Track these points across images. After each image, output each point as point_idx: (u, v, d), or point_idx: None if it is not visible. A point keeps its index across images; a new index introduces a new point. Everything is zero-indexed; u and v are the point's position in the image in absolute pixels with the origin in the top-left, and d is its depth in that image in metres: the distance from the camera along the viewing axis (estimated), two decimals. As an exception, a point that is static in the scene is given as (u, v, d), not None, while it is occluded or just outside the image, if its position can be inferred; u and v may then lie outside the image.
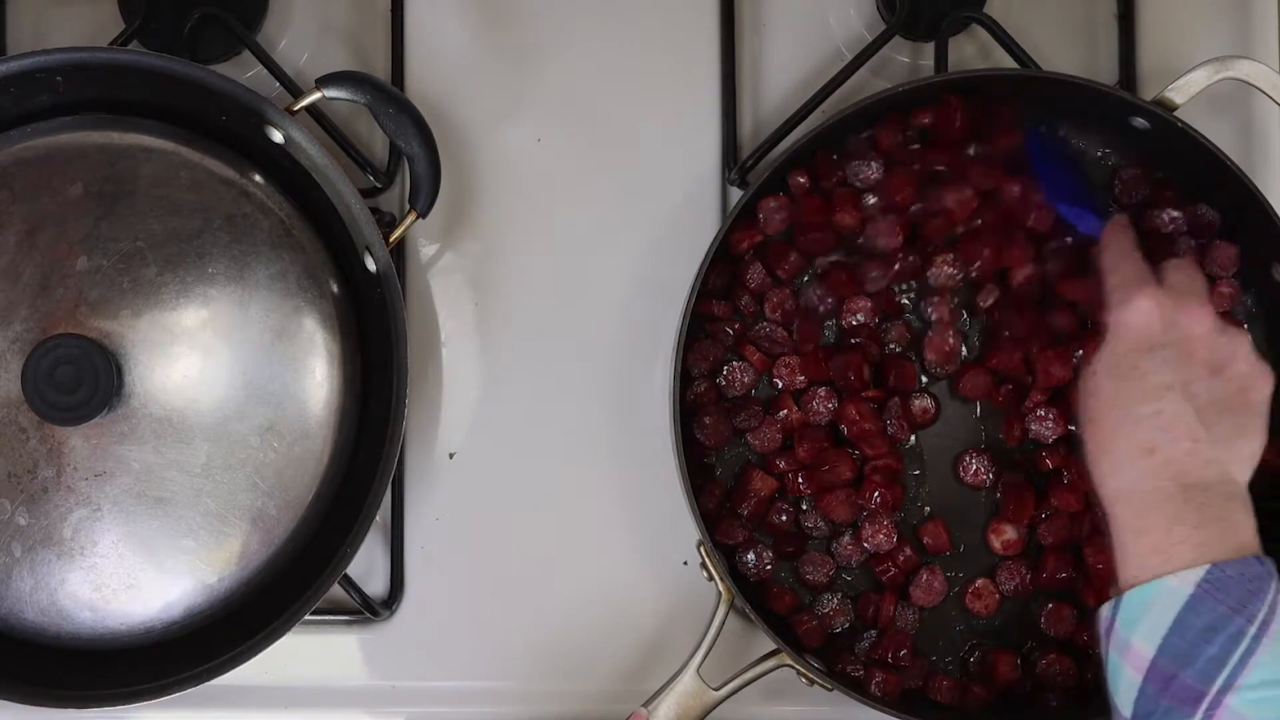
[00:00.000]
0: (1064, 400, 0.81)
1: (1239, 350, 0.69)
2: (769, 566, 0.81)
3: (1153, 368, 0.67)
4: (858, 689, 0.79)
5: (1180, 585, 0.61)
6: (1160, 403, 0.66)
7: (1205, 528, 0.63)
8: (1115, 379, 0.68)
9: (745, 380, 0.82)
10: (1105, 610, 0.65)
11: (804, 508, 0.82)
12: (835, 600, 0.82)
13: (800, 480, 0.81)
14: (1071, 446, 0.80)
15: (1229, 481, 0.65)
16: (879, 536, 0.81)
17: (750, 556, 0.81)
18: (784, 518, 0.82)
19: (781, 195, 0.82)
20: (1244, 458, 0.67)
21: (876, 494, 0.80)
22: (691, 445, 0.81)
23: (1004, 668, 0.81)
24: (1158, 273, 0.71)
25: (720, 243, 0.79)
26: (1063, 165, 0.83)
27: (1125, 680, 0.63)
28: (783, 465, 0.81)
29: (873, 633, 0.82)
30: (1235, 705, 0.59)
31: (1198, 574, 0.61)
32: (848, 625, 0.82)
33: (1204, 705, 0.60)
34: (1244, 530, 0.64)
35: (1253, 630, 0.60)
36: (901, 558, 0.81)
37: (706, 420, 0.81)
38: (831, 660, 0.81)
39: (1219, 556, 0.62)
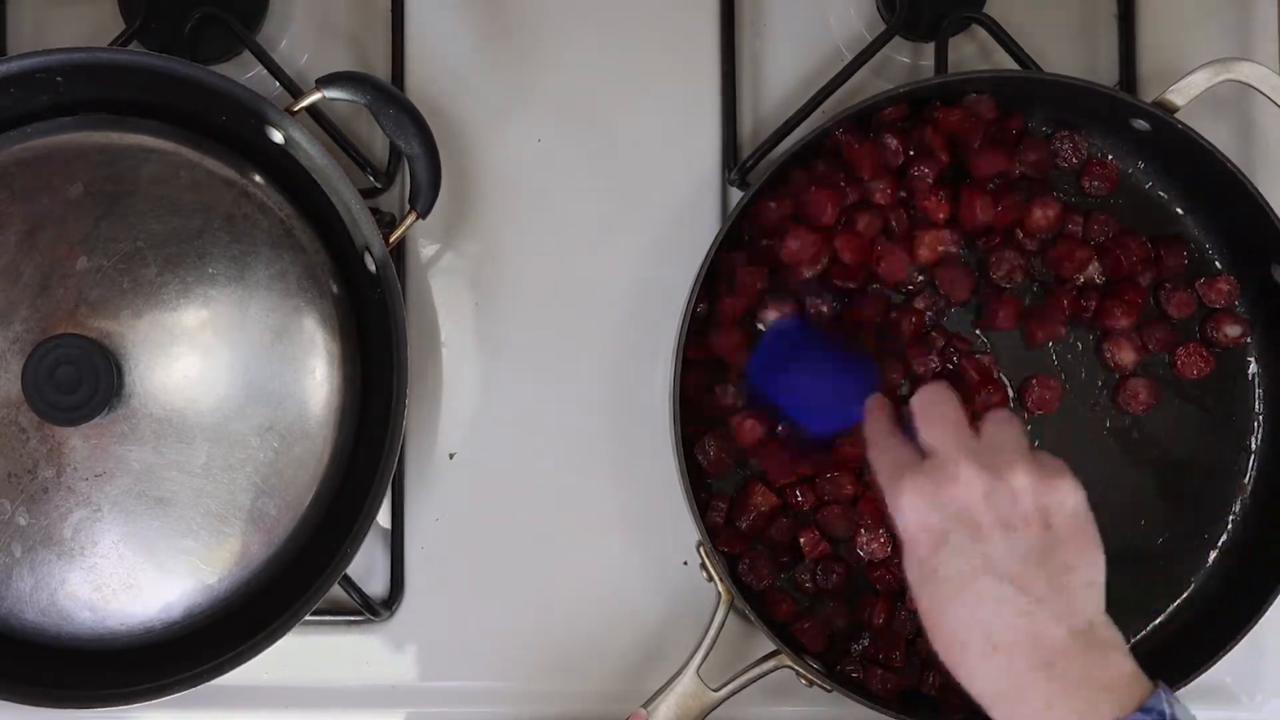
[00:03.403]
0: None
1: (1017, 487, 0.63)
2: (765, 583, 0.81)
3: (948, 562, 0.63)
4: (857, 689, 0.79)
5: None
6: (973, 595, 0.62)
7: (1081, 698, 0.60)
8: (923, 588, 0.64)
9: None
10: None
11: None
12: (831, 605, 0.81)
13: (799, 495, 0.81)
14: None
15: (1083, 630, 0.62)
16: (873, 545, 0.81)
17: (745, 565, 0.81)
18: (783, 533, 0.82)
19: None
20: (1084, 589, 0.63)
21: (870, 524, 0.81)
22: (693, 452, 0.81)
23: None
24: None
25: (721, 243, 0.79)
26: (795, 363, 0.79)
27: None
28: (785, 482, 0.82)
29: (866, 637, 0.82)
30: None
31: None
32: (843, 627, 0.82)
33: None
34: (1123, 680, 0.61)
35: None
36: (896, 564, 0.81)
37: (710, 449, 0.81)
38: (831, 662, 0.81)
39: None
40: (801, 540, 0.81)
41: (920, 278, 0.82)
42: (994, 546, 0.63)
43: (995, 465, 0.64)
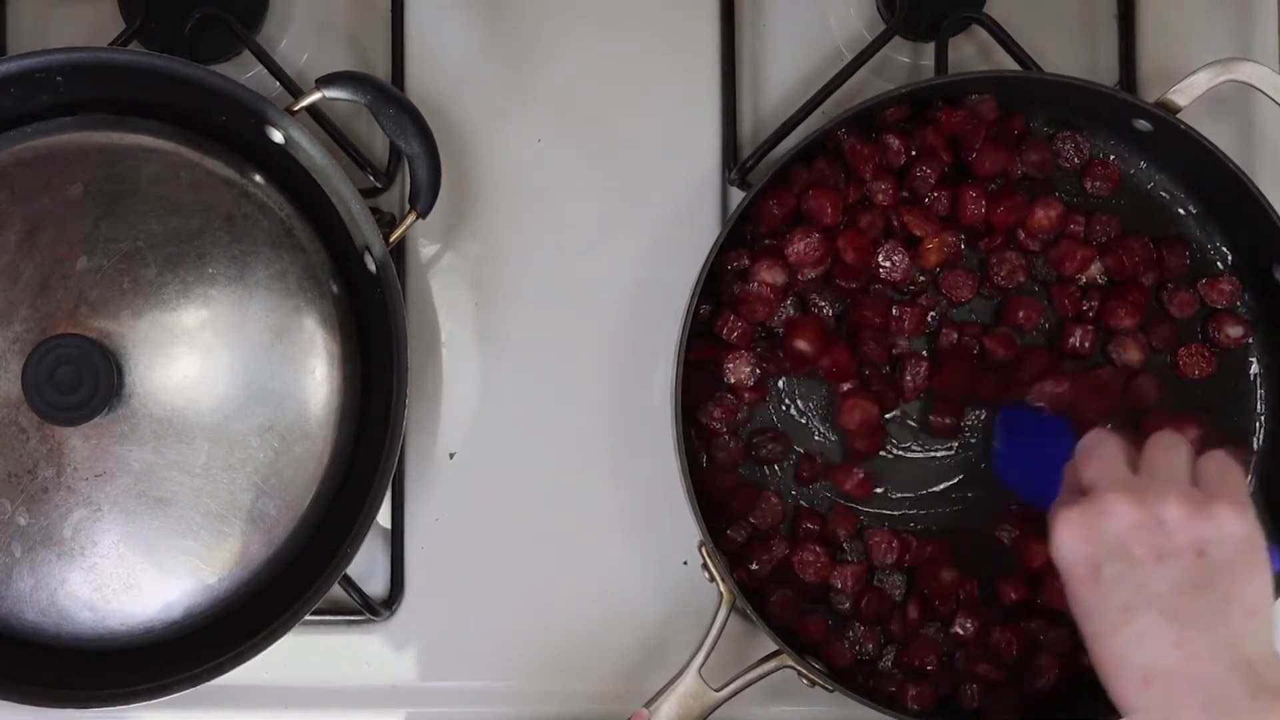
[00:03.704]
0: None
1: (1168, 519, 0.63)
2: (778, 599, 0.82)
3: (1104, 593, 0.63)
4: (865, 693, 0.79)
5: None
6: (1128, 627, 0.62)
7: None
8: (1085, 621, 0.64)
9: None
10: None
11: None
12: (863, 629, 0.82)
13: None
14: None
15: (1244, 665, 0.60)
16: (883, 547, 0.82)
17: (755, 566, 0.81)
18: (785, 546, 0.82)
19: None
20: (1242, 620, 0.62)
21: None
22: (693, 452, 0.81)
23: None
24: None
25: (721, 244, 0.79)
26: (1031, 443, 0.80)
27: None
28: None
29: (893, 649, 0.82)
30: None
31: None
32: (871, 647, 0.82)
33: None
34: None
35: None
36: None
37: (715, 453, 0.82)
38: (866, 678, 0.81)
39: None
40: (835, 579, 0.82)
41: (922, 278, 0.82)
42: (1148, 576, 0.62)
43: (1147, 497, 0.64)
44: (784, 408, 0.84)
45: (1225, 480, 0.65)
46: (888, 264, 0.81)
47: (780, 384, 0.84)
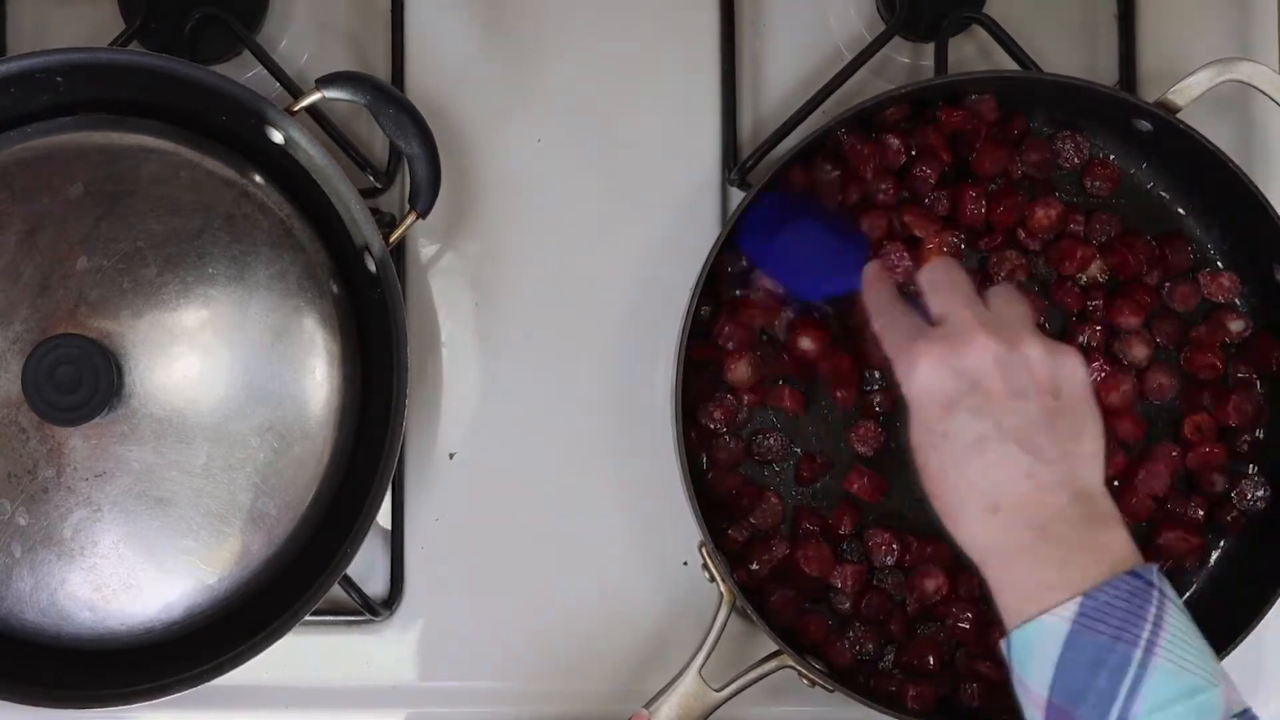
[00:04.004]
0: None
1: (1031, 357, 0.65)
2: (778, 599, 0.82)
3: (961, 425, 0.64)
4: (883, 699, 0.79)
5: (1057, 623, 0.60)
6: (982, 457, 0.64)
7: (1071, 563, 0.61)
8: (933, 450, 0.65)
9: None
10: (1002, 648, 0.64)
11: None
12: (863, 629, 0.82)
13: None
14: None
15: (1084, 498, 0.63)
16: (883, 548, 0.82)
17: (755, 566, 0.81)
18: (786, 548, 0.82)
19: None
20: (1086, 460, 0.64)
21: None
22: (693, 452, 0.81)
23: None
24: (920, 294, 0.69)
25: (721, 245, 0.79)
26: (786, 229, 0.78)
27: (1030, 718, 0.62)
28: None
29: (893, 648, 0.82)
30: None
31: (1071, 609, 0.60)
32: (872, 647, 0.82)
33: None
34: (1114, 546, 0.62)
35: (1138, 655, 0.59)
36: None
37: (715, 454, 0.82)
38: (866, 678, 0.81)
39: (1094, 581, 0.60)
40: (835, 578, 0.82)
41: None
42: (1005, 411, 0.64)
43: (1008, 335, 0.65)
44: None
45: (1019, 312, 0.68)
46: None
47: (780, 382, 0.84)
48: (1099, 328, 0.82)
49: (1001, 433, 0.64)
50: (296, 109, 0.76)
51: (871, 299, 0.72)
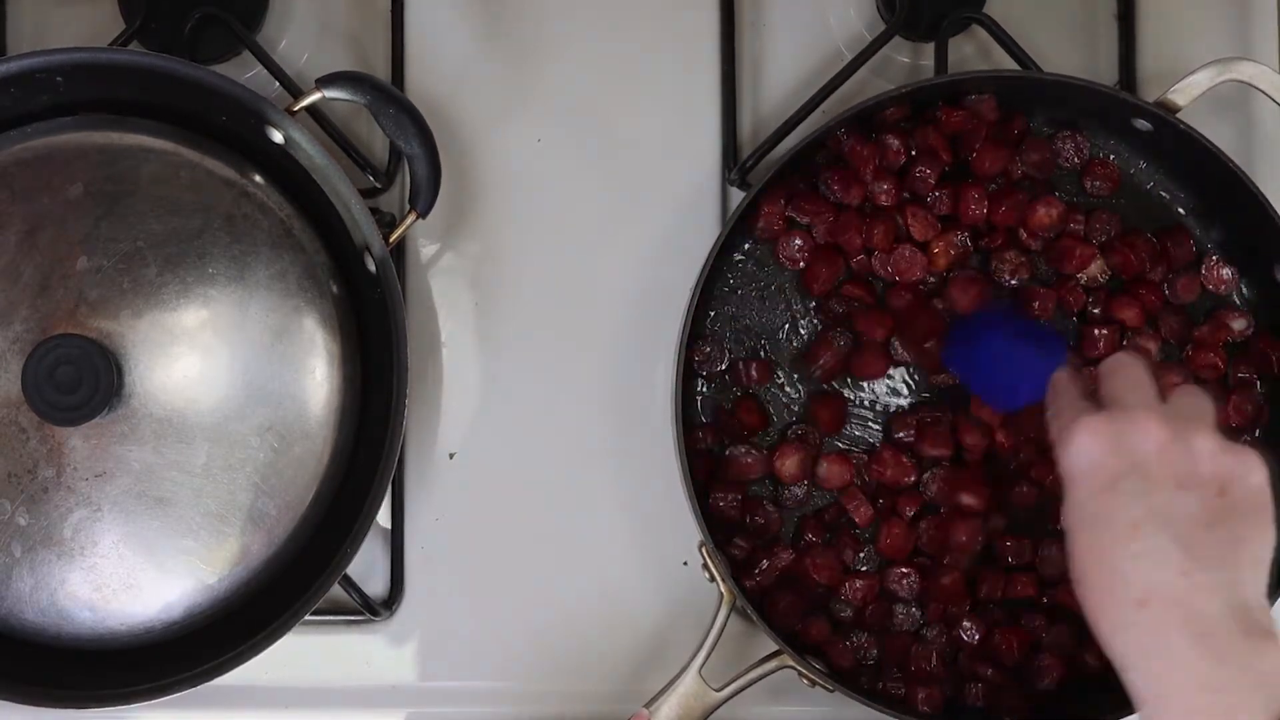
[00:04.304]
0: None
1: (1199, 449, 0.62)
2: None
3: (1116, 506, 0.61)
4: (866, 694, 0.79)
5: None
6: (1136, 543, 0.60)
7: (1229, 688, 0.58)
8: (1085, 531, 0.63)
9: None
10: None
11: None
12: (866, 635, 0.82)
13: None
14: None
15: (1240, 608, 0.59)
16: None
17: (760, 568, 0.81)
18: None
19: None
20: (1249, 566, 0.61)
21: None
22: (694, 452, 0.81)
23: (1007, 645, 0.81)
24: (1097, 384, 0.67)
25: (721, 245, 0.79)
26: (996, 353, 0.77)
27: None
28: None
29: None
30: None
31: None
32: (876, 654, 0.82)
33: None
34: (1273, 677, 0.58)
35: None
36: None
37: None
38: (867, 679, 0.81)
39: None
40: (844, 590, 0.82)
41: (933, 279, 0.82)
42: (1166, 499, 0.61)
43: (1179, 425, 0.63)
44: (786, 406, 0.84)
45: (1200, 409, 0.65)
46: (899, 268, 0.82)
47: (779, 375, 0.84)
48: (1104, 330, 0.82)
49: (1158, 520, 0.60)
50: (296, 109, 0.76)
51: (1053, 397, 0.69)
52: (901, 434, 0.82)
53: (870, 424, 0.83)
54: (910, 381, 0.83)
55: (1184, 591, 0.59)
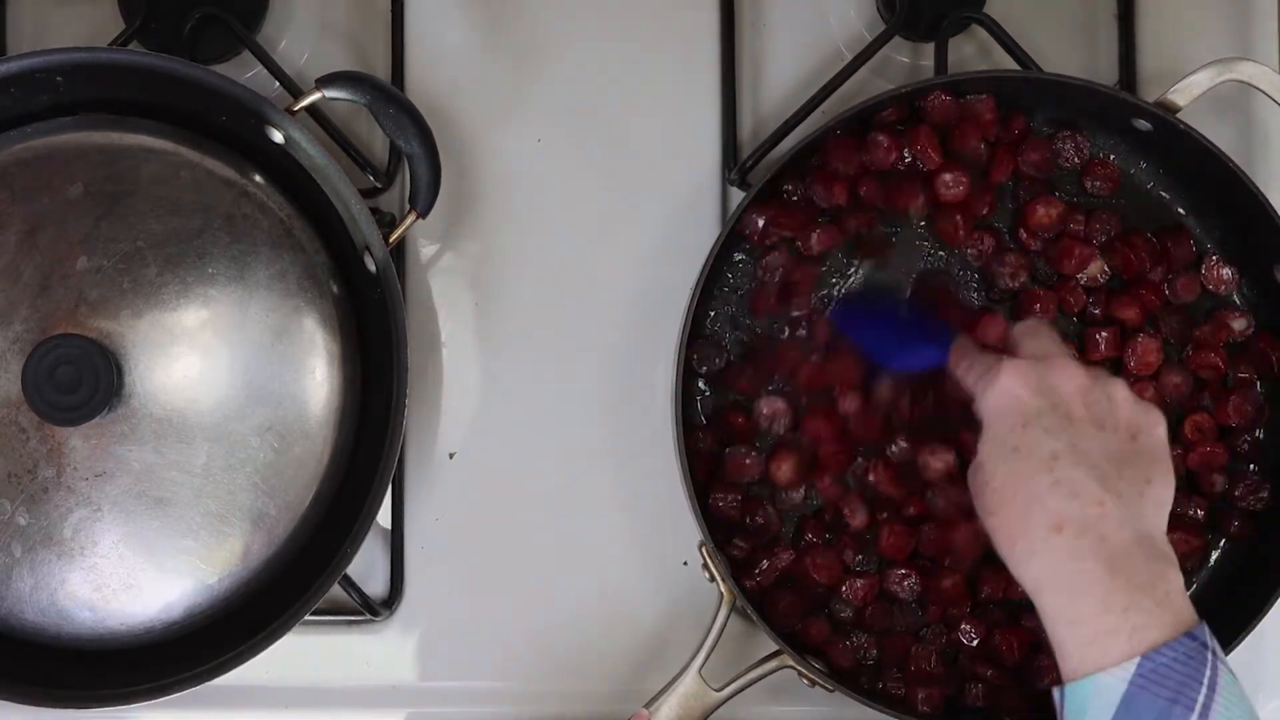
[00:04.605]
0: None
1: (1116, 397, 0.66)
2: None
3: (1036, 440, 0.64)
4: (866, 693, 0.79)
5: (1115, 681, 0.60)
6: (1054, 473, 0.63)
7: (1136, 608, 0.61)
8: (1002, 462, 0.65)
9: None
10: (1055, 696, 0.63)
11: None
12: (865, 636, 0.82)
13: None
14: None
15: (1148, 538, 0.63)
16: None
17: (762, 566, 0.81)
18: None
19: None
20: (1155, 506, 0.65)
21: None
22: (694, 452, 0.81)
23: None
24: (1009, 349, 0.69)
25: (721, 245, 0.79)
26: (873, 320, 0.80)
27: None
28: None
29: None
30: None
31: (1130, 668, 0.60)
32: (876, 655, 0.82)
33: None
34: (1175, 597, 0.62)
35: (1193, 718, 0.59)
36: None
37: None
38: (867, 679, 0.81)
39: (1154, 640, 0.60)
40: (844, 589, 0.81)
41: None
42: (1083, 435, 0.64)
43: (1096, 373, 0.67)
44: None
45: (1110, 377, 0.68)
46: None
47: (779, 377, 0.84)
48: (1106, 331, 0.82)
49: (1076, 455, 0.63)
50: (296, 109, 0.76)
51: (959, 353, 0.71)
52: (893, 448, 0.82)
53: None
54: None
55: (1096, 519, 0.63)
